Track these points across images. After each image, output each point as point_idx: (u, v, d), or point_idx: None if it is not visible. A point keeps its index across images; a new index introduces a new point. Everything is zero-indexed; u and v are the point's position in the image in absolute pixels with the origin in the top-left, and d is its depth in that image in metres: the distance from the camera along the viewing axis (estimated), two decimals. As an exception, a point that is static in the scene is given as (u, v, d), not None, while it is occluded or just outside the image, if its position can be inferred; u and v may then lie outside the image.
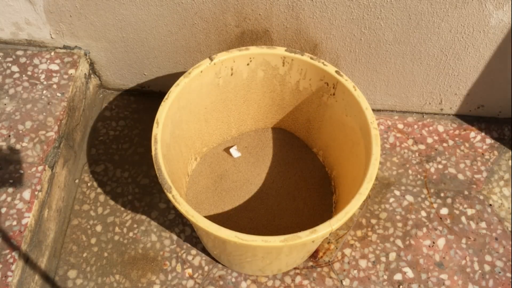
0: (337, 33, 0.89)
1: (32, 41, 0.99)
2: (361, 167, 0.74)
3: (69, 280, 0.88)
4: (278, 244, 0.62)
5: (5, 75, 0.96)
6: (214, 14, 0.87)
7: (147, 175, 1.00)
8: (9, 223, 0.79)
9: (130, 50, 0.99)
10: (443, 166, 1.02)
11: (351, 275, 0.89)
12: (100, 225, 0.94)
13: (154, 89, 1.10)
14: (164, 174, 0.68)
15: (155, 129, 0.72)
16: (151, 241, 0.92)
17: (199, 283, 0.88)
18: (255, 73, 0.85)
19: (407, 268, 0.90)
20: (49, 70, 0.97)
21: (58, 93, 0.94)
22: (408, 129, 1.07)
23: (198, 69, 0.79)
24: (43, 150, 0.87)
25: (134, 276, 0.89)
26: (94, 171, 1.00)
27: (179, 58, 0.99)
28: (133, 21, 0.91)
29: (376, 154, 0.70)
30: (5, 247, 0.77)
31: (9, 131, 0.89)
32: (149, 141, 0.72)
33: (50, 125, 0.90)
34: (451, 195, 0.99)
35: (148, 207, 0.96)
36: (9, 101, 0.93)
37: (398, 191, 0.99)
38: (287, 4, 0.84)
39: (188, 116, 0.84)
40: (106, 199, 0.97)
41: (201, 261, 0.91)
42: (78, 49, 1.00)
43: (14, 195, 0.82)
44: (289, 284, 0.88)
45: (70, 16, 0.92)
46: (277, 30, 0.90)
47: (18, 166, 0.85)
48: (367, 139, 0.73)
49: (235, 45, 0.94)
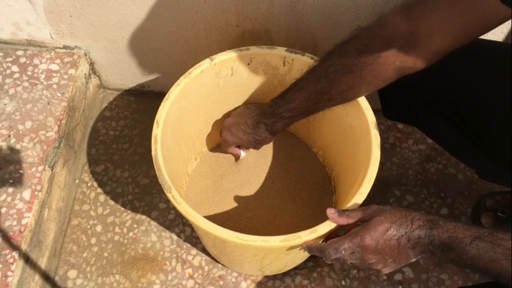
0: (338, 33, 0.89)
1: (32, 41, 0.99)
2: (361, 167, 0.74)
3: (69, 280, 0.88)
4: (278, 244, 0.62)
5: (5, 75, 0.96)
6: (215, 14, 0.87)
7: (147, 175, 1.00)
8: (9, 223, 0.79)
9: (130, 50, 0.99)
10: (443, 166, 1.02)
11: (351, 275, 0.89)
12: (100, 225, 0.94)
13: (154, 89, 1.10)
14: (164, 174, 0.68)
15: (155, 129, 0.72)
16: (151, 241, 0.92)
17: (199, 283, 0.88)
18: (255, 73, 0.85)
19: (407, 268, 0.90)
20: (49, 70, 0.97)
21: (58, 93, 0.94)
22: (408, 129, 1.07)
23: (198, 69, 0.79)
24: (43, 150, 0.87)
25: (134, 276, 0.89)
26: (94, 171, 1.00)
27: (179, 58, 0.99)
28: (133, 21, 0.91)
29: (376, 154, 0.70)
30: (5, 247, 0.77)
31: (9, 131, 0.89)
32: (149, 141, 0.72)
33: (50, 125, 0.90)
34: (451, 195, 0.99)
35: (148, 207, 0.96)
36: (9, 101, 0.93)
37: (398, 191, 0.99)
38: (288, 4, 0.84)
39: (188, 116, 0.84)
40: (106, 199, 0.97)
41: (201, 261, 0.91)
42: (78, 49, 1.00)
43: (14, 195, 0.81)
44: (289, 284, 0.88)
45: (70, 16, 0.91)
46: (278, 30, 0.90)
47: (18, 166, 0.85)
48: (367, 139, 0.73)
49: (235, 45, 0.93)
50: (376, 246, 0.56)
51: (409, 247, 0.55)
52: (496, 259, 0.51)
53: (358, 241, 0.57)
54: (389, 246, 0.56)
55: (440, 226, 0.54)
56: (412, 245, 0.55)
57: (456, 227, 0.54)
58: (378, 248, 0.56)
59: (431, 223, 0.55)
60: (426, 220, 0.55)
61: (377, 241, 0.56)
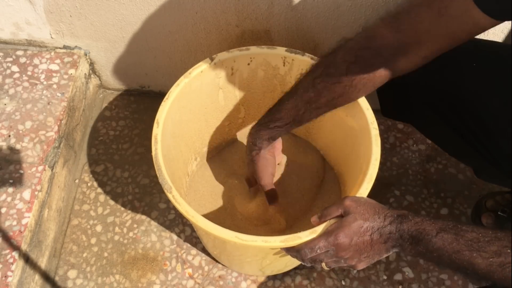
0: (338, 33, 0.89)
1: (32, 41, 0.99)
2: (361, 167, 0.74)
3: (69, 280, 0.88)
4: (278, 244, 0.62)
5: (5, 75, 0.96)
6: (215, 14, 0.87)
7: (147, 175, 1.00)
8: (9, 223, 0.79)
9: (130, 50, 0.99)
10: (443, 166, 1.02)
11: (351, 275, 0.89)
12: (100, 225, 0.94)
13: (154, 89, 1.10)
14: (164, 174, 0.68)
15: (155, 129, 0.72)
16: (151, 241, 0.92)
17: (199, 283, 0.88)
18: (255, 73, 0.85)
19: (407, 268, 0.90)
20: (49, 70, 0.97)
21: (58, 93, 0.94)
22: (408, 129, 1.07)
23: (198, 69, 0.79)
24: (43, 150, 0.87)
25: (134, 276, 0.89)
26: (94, 171, 1.00)
27: (179, 58, 0.99)
28: (133, 21, 0.91)
29: (376, 154, 0.70)
30: (5, 247, 0.77)
31: (9, 131, 0.89)
32: (149, 141, 0.72)
33: (50, 125, 0.90)
34: (451, 195, 0.99)
35: (148, 207, 0.96)
36: (9, 101, 0.93)
37: (398, 191, 0.99)
38: (288, 4, 0.84)
39: (188, 116, 0.84)
40: (106, 199, 0.97)
41: (201, 261, 0.91)
42: (78, 49, 1.00)
43: (14, 195, 0.81)
44: (289, 284, 0.88)
45: (70, 16, 0.91)
46: (278, 30, 0.90)
47: (18, 166, 0.85)
48: (367, 139, 0.73)
49: (235, 45, 0.93)
50: (350, 243, 0.59)
51: (381, 242, 0.58)
52: (459, 249, 0.52)
53: (332, 240, 0.60)
54: (362, 242, 0.59)
55: (409, 220, 0.57)
56: (384, 240, 0.58)
57: (423, 220, 0.56)
58: (352, 245, 0.59)
59: (401, 218, 0.57)
60: (396, 215, 0.58)
61: (351, 238, 0.59)
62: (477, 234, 0.52)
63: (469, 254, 0.52)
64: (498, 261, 0.50)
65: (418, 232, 0.55)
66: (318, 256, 0.61)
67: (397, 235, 0.57)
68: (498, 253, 0.50)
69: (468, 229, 0.53)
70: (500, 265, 0.50)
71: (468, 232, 0.53)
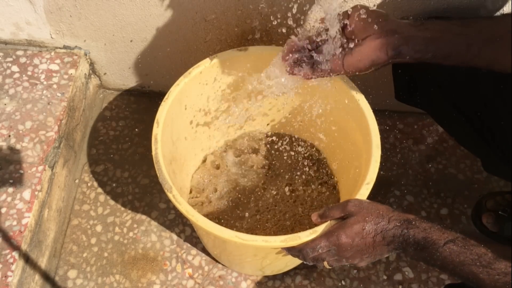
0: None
1: (32, 41, 0.99)
2: (361, 167, 0.74)
3: (69, 280, 0.88)
4: (278, 244, 0.62)
5: (5, 75, 0.96)
6: (215, 14, 0.87)
7: (147, 175, 1.00)
8: (9, 223, 0.79)
9: (130, 50, 0.99)
10: (443, 166, 1.02)
11: (351, 275, 0.90)
12: (100, 225, 0.94)
13: (154, 89, 1.10)
14: (164, 174, 0.68)
15: (155, 129, 0.72)
16: (151, 241, 0.92)
17: (199, 283, 0.88)
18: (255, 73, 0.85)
19: (407, 268, 0.90)
20: (49, 70, 0.97)
21: (58, 93, 0.94)
22: (408, 129, 1.07)
23: (198, 69, 0.79)
24: (43, 150, 0.87)
25: (134, 276, 0.89)
26: (94, 171, 1.00)
27: (179, 58, 0.99)
28: (133, 21, 0.91)
29: (376, 155, 0.70)
30: (5, 247, 0.77)
31: (9, 131, 0.89)
32: (149, 141, 0.72)
33: (50, 125, 0.90)
34: (451, 195, 0.99)
35: (148, 207, 0.96)
36: (9, 101, 0.93)
37: (398, 191, 0.99)
38: (288, 5, 0.84)
39: (188, 116, 0.84)
40: (106, 199, 0.97)
41: (201, 261, 0.91)
42: (78, 49, 1.00)
43: (14, 195, 0.81)
44: (289, 284, 0.88)
45: (70, 16, 0.91)
46: (278, 30, 0.90)
47: (18, 166, 0.85)
48: (367, 139, 0.73)
49: (235, 45, 0.93)
50: (351, 243, 0.59)
51: (383, 244, 0.59)
52: (466, 263, 0.53)
53: (334, 240, 0.60)
54: (364, 243, 0.59)
55: (415, 227, 0.57)
56: (387, 243, 0.59)
57: (431, 228, 0.57)
58: (354, 245, 0.60)
59: (407, 223, 0.58)
60: (402, 220, 0.58)
61: (352, 238, 0.59)
62: (485, 250, 0.53)
63: (475, 269, 0.52)
64: (504, 280, 0.51)
65: (424, 240, 0.56)
66: (320, 255, 0.62)
67: (401, 239, 0.58)
68: (505, 273, 0.51)
69: (477, 244, 0.54)
70: (505, 284, 0.51)
71: (476, 247, 0.54)
